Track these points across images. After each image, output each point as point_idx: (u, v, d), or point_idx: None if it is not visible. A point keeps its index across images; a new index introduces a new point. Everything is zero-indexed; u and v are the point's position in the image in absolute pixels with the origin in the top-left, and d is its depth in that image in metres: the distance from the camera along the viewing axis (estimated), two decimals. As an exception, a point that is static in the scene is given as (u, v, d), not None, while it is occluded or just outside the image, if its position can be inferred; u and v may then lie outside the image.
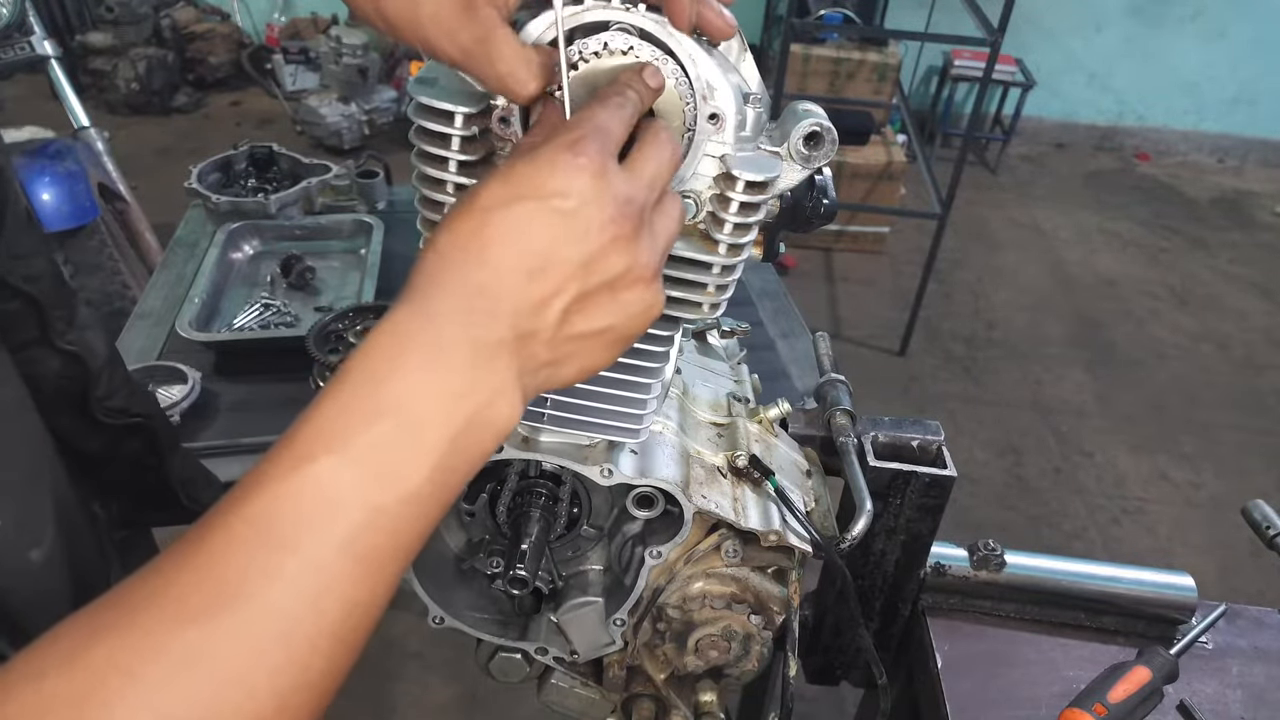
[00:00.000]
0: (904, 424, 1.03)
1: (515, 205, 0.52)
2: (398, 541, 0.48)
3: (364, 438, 0.47)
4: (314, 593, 0.44)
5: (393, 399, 0.48)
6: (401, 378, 0.49)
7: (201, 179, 2.15)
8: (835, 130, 0.70)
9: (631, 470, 0.84)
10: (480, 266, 0.52)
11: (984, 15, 3.33)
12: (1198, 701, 1.00)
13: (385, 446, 0.47)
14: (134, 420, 1.11)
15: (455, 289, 0.51)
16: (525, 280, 0.52)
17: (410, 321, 0.51)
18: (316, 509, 0.45)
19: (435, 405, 0.49)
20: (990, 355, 4.00)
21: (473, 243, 0.52)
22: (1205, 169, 6.03)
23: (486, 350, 0.51)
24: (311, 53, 5.19)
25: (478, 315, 0.51)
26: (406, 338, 0.50)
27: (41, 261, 0.97)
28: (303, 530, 0.45)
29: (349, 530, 0.45)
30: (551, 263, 0.52)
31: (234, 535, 0.44)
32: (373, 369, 0.49)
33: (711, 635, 0.95)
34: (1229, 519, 3.04)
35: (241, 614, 0.42)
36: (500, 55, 0.58)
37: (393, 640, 2.48)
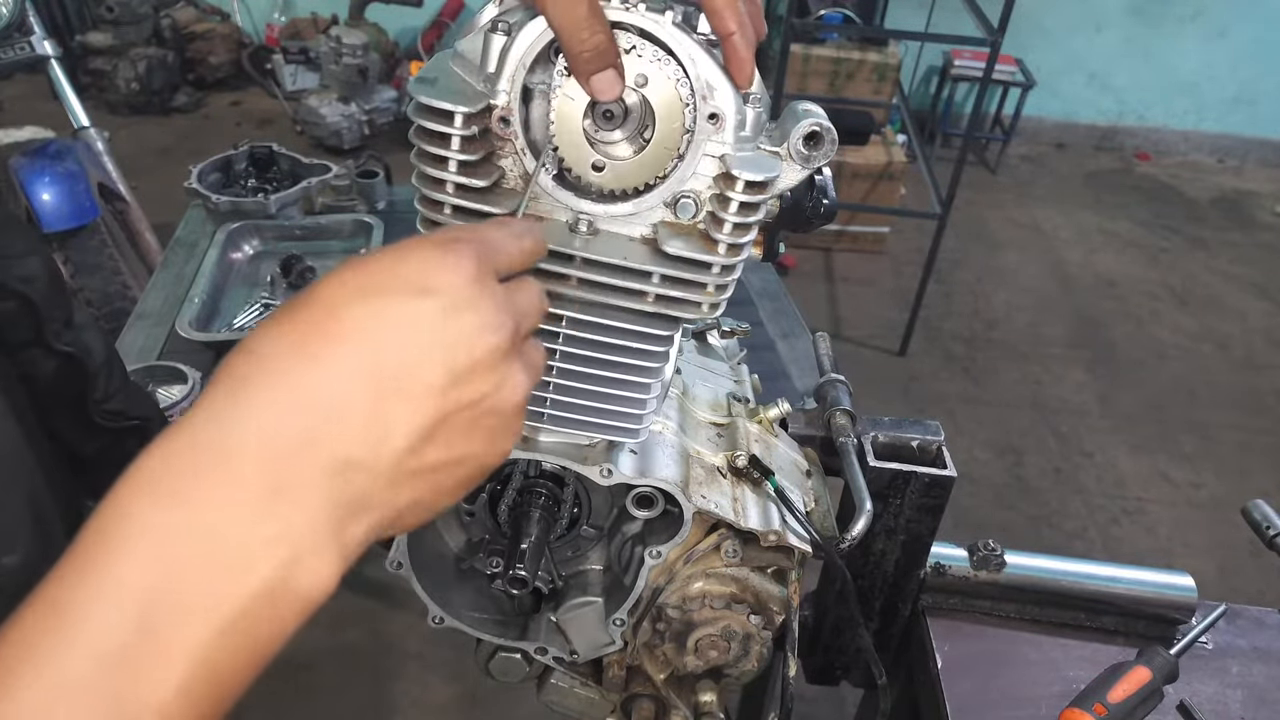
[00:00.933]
0: (904, 424, 1.03)
1: (373, 300, 0.42)
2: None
3: (83, 648, 0.34)
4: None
5: (127, 584, 0.35)
6: (145, 550, 0.36)
7: (201, 179, 2.15)
8: (835, 130, 0.70)
9: (631, 470, 0.84)
10: (317, 374, 0.40)
11: (984, 15, 3.33)
12: (1198, 701, 1.00)
13: (115, 658, 0.35)
14: (132, 423, 1.11)
15: (264, 405, 0.39)
16: (373, 397, 0.41)
17: (172, 461, 0.38)
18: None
19: (194, 586, 0.36)
20: (990, 355, 3.99)
21: (308, 341, 0.41)
22: (1205, 169, 6.03)
23: (290, 496, 0.38)
24: (311, 53, 5.18)
25: (289, 446, 0.39)
26: (159, 488, 0.37)
27: (36, 262, 0.96)
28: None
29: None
30: (412, 374, 0.42)
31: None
32: (106, 535, 0.36)
33: (711, 635, 0.95)
34: (1229, 519, 3.04)
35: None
36: (602, 29, 0.60)
37: (393, 640, 2.48)
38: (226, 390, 0.40)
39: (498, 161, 0.70)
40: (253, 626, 0.37)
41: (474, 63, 0.68)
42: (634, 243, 0.73)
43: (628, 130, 0.68)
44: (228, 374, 0.41)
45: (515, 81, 0.67)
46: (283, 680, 2.35)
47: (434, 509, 0.46)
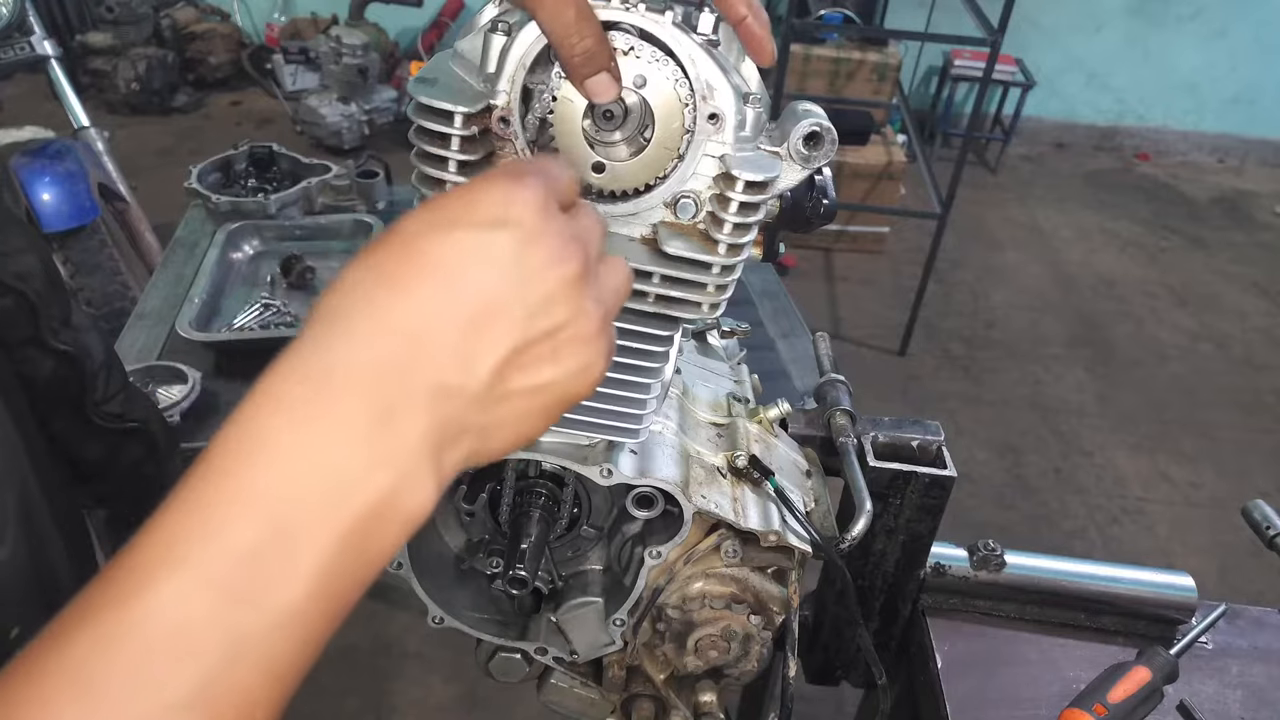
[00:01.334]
0: (904, 424, 1.03)
1: (451, 233, 0.44)
2: (272, 672, 0.39)
3: (220, 546, 0.38)
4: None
5: (262, 493, 0.39)
6: (275, 462, 0.39)
7: (201, 179, 2.15)
8: (835, 130, 0.70)
9: (631, 470, 0.84)
10: (399, 304, 0.43)
11: (984, 15, 3.33)
12: (1198, 701, 1.00)
13: (250, 557, 0.38)
14: (132, 425, 1.11)
15: (361, 334, 0.42)
16: (457, 326, 0.43)
17: (290, 384, 0.41)
18: (157, 653, 0.36)
19: (322, 497, 0.39)
20: (990, 355, 4.00)
21: (397, 276, 0.43)
22: (1205, 169, 6.03)
23: (395, 420, 0.41)
24: (311, 53, 5.18)
25: (389, 368, 0.41)
26: (284, 405, 0.40)
27: (32, 259, 0.96)
28: (138, 683, 0.36)
29: (202, 674, 0.36)
30: (491, 306, 0.44)
31: (46, 695, 0.35)
32: (240, 448, 0.40)
33: (711, 635, 0.95)
34: (1229, 519, 3.04)
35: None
36: (599, 38, 0.61)
37: (393, 640, 2.48)
38: (325, 323, 0.42)
39: (498, 162, 0.70)
40: (364, 541, 0.41)
41: (474, 63, 0.68)
42: (634, 243, 0.73)
43: (628, 130, 0.68)
44: (324, 307, 0.43)
45: (515, 82, 0.67)
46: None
47: (524, 436, 0.48)
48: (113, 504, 1.28)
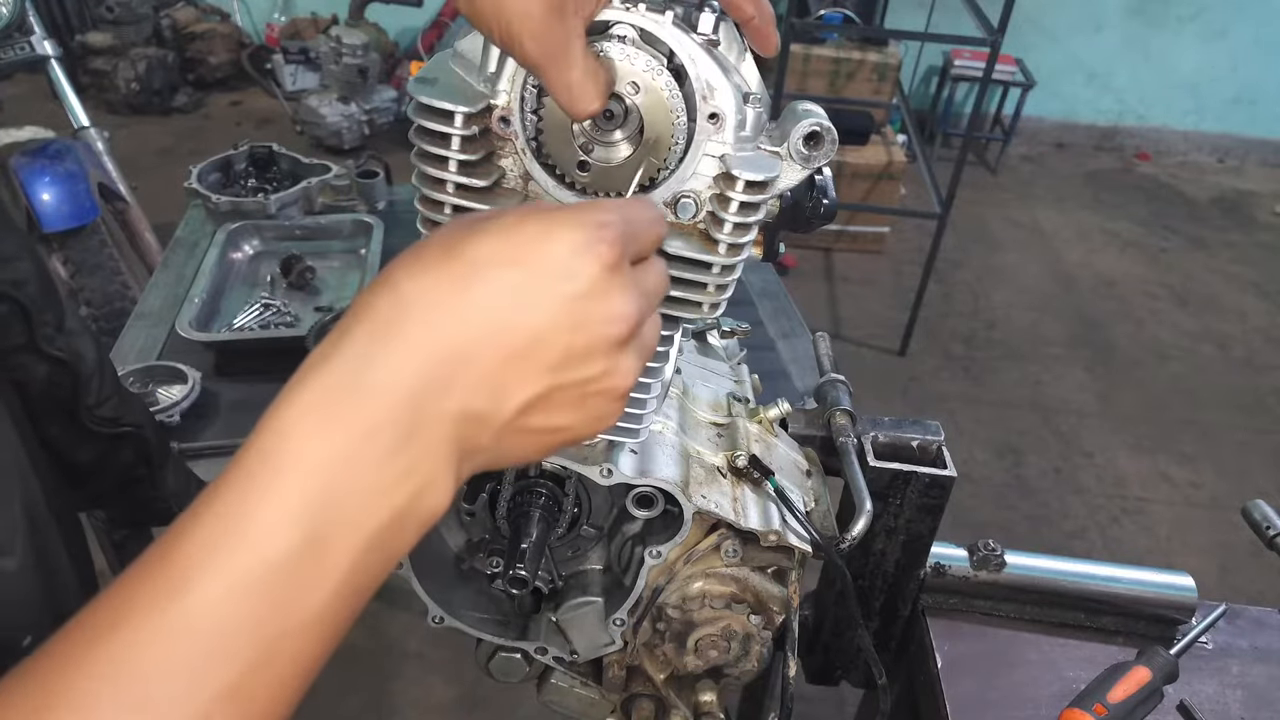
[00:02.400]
0: (904, 424, 1.03)
1: (515, 269, 0.45)
2: (301, 666, 0.41)
3: (259, 555, 0.40)
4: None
5: (300, 503, 0.40)
6: (313, 473, 0.41)
7: (201, 179, 2.15)
8: (835, 130, 0.70)
9: (631, 470, 0.84)
10: (450, 329, 0.44)
11: (984, 15, 3.33)
12: (1198, 701, 1.00)
13: (285, 564, 0.40)
14: (125, 430, 1.10)
15: (409, 352, 0.43)
16: (499, 361, 0.45)
17: (333, 393, 0.42)
18: (195, 652, 0.38)
19: (352, 506, 0.41)
20: (990, 355, 4.00)
21: (451, 299, 0.44)
22: (1205, 169, 6.03)
23: (424, 436, 0.43)
24: (311, 53, 5.19)
25: (429, 388, 0.43)
26: (324, 418, 0.42)
27: (27, 265, 0.96)
28: (179, 681, 0.38)
29: (238, 672, 0.39)
30: (532, 350, 0.45)
31: (86, 688, 0.37)
32: (278, 457, 0.41)
33: (711, 635, 0.95)
34: (1229, 519, 3.04)
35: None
36: (575, 64, 0.58)
37: (393, 640, 2.48)
38: (369, 330, 0.44)
39: (498, 161, 0.70)
40: (386, 543, 0.43)
41: (474, 62, 0.68)
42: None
43: (629, 130, 0.68)
44: (371, 311, 0.44)
45: (515, 81, 0.67)
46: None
47: (528, 459, 0.52)
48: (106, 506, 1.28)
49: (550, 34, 0.56)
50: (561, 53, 0.57)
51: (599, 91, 0.60)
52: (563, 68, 0.58)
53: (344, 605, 0.42)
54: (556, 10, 0.56)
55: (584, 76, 0.59)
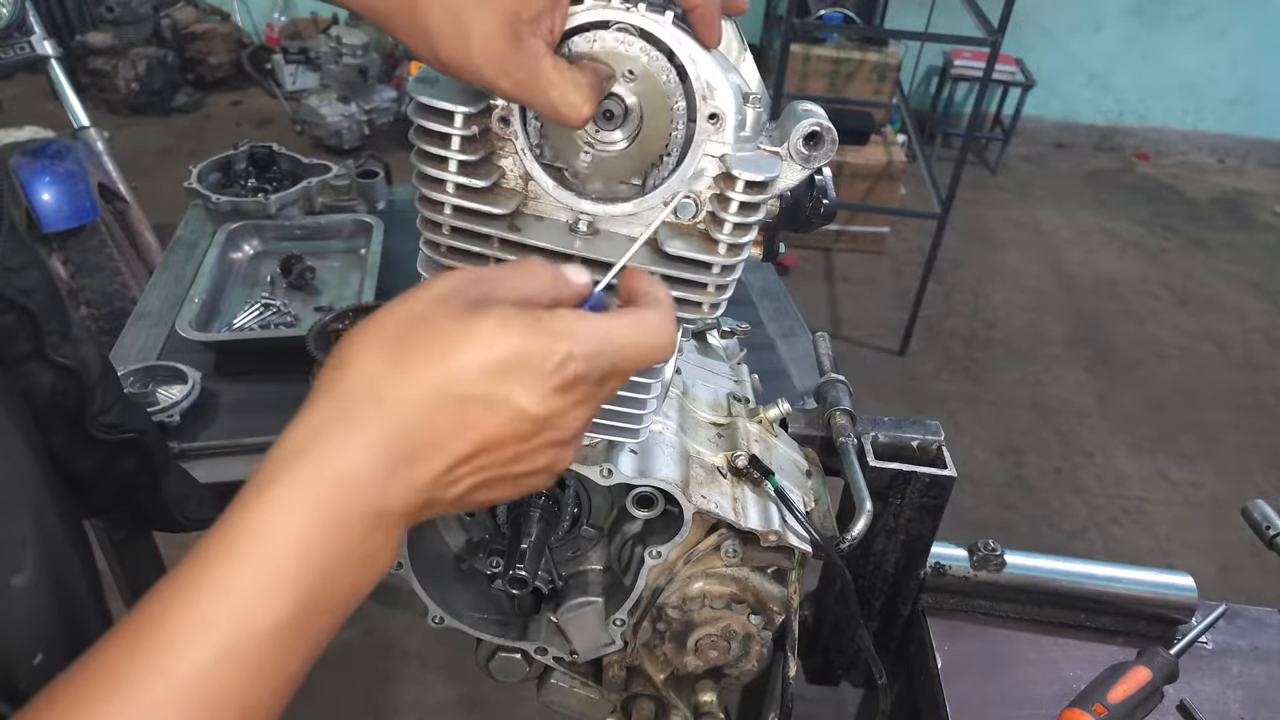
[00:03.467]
0: (904, 424, 1.03)
1: (480, 396, 0.48)
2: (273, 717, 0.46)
3: (249, 630, 0.43)
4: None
5: (288, 582, 0.44)
6: (299, 554, 0.45)
7: (201, 179, 2.15)
8: (835, 130, 0.70)
9: (631, 470, 0.84)
10: (417, 438, 0.48)
11: (984, 15, 3.33)
12: (1198, 701, 1.00)
13: (272, 639, 0.44)
14: (127, 436, 1.10)
15: (378, 451, 0.47)
16: (452, 463, 0.49)
17: (312, 477, 0.46)
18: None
19: (330, 584, 0.46)
20: (990, 355, 3.99)
21: (422, 395, 0.48)
22: (1205, 169, 6.03)
23: (391, 520, 0.48)
24: (311, 53, 5.18)
25: (394, 481, 0.47)
26: (308, 499, 0.46)
27: (36, 274, 0.95)
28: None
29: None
30: (485, 454, 0.50)
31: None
32: (267, 535, 0.45)
33: (711, 635, 0.95)
34: (1229, 519, 3.04)
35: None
36: (551, 84, 0.59)
37: (393, 640, 2.48)
38: (340, 410, 0.48)
39: (498, 161, 0.71)
40: (349, 604, 0.48)
41: (474, 63, 0.68)
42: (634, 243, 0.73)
43: (629, 130, 0.68)
44: (340, 390, 0.48)
45: (515, 81, 0.67)
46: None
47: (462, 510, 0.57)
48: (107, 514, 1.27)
49: (515, 64, 0.58)
50: (531, 80, 0.59)
51: (585, 97, 0.60)
52: (537, 94, 0.59)
53: (309, 665, 0.47)
54: (514, 40, 0.57)
55: (564, 91, 0.59)
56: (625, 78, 0.66)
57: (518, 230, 0.71)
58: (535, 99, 0.60)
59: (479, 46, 0.57)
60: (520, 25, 0.57)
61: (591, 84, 0.61)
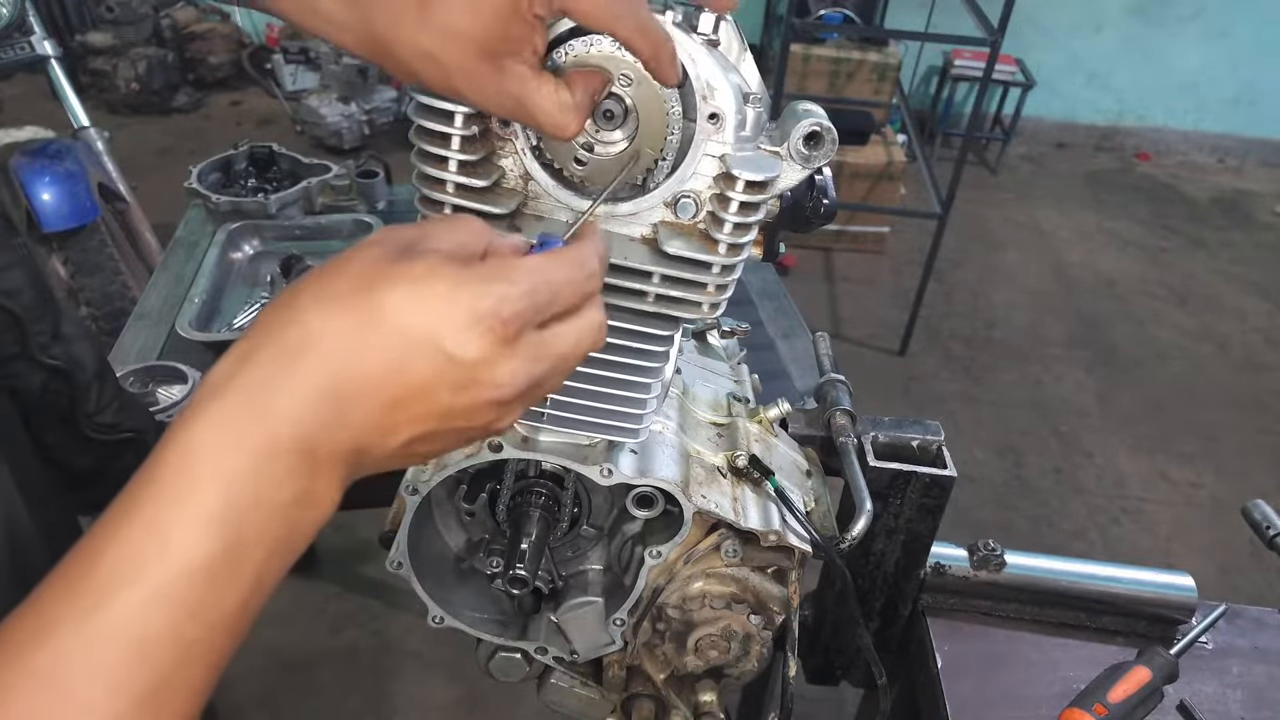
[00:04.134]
0: (904, 424, 1.03)
1: (412, 328, 0.47)
2: (213, 666, 0.45)
3: (178, 567, 0.43)
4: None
5: (214, 516, 0.44)
6: (225, 488, 0.44)
7: (201, 179, 2.15)
8: (835, 130, 0.70)
9: (631, 470, 0.84)
10: (345, 369, 0.47)
11: (984, 15, 3.33)
12: (1198, 701, 1.00)
13: (203, 574, 0.43)
14: (126, 436, 1.10)
15: (307, 385, 0.46)
16: (384, 406, 0.48)
17: (240, 414, 0.45)
18: (118, 660, 0.41)
19: (259, 520, 0.45)
20: (990, 355, 3.99)
21: (351, 340, 0.47)
22: (1205, 169, 6.03)
23: (322, 460, 0.47)
24: (311, 53, 5.18)
25: (323, 421, 0.47)
26: (233, 437, 0.45)
27: (19, 274, 0.95)
28: (101, 687, 0.41)
29: (157, 676, 0.42)
30: (419, 400, 0.49)
31: (17, 692, 0.40)
32: (192, 473, 0.44)
33: (711, 635, 0.95)
34: (1229, 519, 3.04)
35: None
36: (538, 108, 0.60)
37: (393, 640, 2.48)
38: (275, 357, 0.47)
39: (498, 161, 0.71)
40: (285, 550, 0.47)
41: (474, 63, 0.68)
42: (634, 243, 0.73)
43: (629, 129, 0.68)
44: (278, 338, 0.47)
45: (515, 81, 0.67)
46: (283, 680, 2.35)
47: (412, 464, 0.58)
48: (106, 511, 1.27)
49: (497, 91, 0.59)
50: (515, 102, 0.59)
51: (572, 117, 0.61)
52: (525, 115, 0.61)
53: (251, 606, 0.46)
54: (494, 68, 0.58)
55: (551, 114, 0.60)
56: (621, 80, 0.66)
57: (518, 230, 0.71)
58: (526, 118, 0.61)
59: (460, 78, 0.58)
60: (497, 54, 0.57)
61: (580, 101, 0.62)
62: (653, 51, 0.60)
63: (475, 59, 0.57)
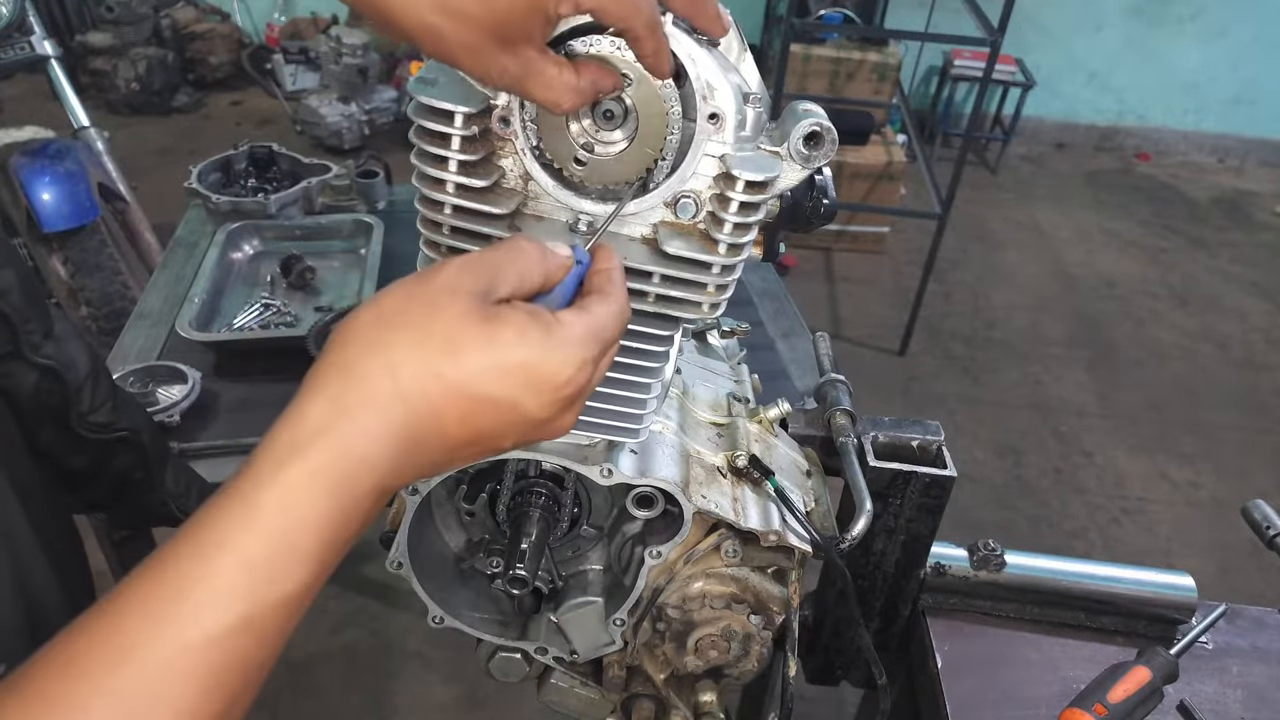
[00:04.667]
0: (904, 424, 1.03)
1: (491, 401, 0.52)
2: (254, 691, 0.47)
3: (276, 596, 0.46)
4: None
5: (308, 553, 0.47)
6: (315, 533, 0.47)
7: (201, 179, 2.15)
8: (835, 130, 0.70)
9: (631, 470, 0.84)
10: (427, 428, 0.51)
11: (984, 15, 3.33)
12: (1198, 701, 1.00)
13: (296, 607, 0.47)
14: (120, 434, 1.09)
15: (392, 440, 0.50)
16: (449, 449, 0.53)
17: (334, 467, 0.48)
18: (192, 691, 0.44)
19: (333, 554, 0.49)
20: (990, 355, 3.99)
21: (435, 407, 0.51)
22: (1205, 169, 6.03)
23: (390, 492, 0.52)
24: (311, 53, 5.19)
25: (397, 467, 0.51)
26: (328, 485, 0.48)
27: (9, 275, 0.95)
28: (162, 699, 0.43)
29: (221, 711, 0.45)
30: (485, 440, 0.54)
31: (83, 699, 0.42)
32: (285, 518, 0.47)
33: (711, 635, 0.95)
34: (1229, 519, 3.04)
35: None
36: (542, 84, 0.60)
37: (393, 640, 2.48)
38: (359, 392, 0.50)
39: (498, 161, 0.71)
40: (333, 556, 0.49)
41: (474, 63, 0.68)
42: (634, 243, 0.73)
43: (629, 129, 0.68)
44: (373, 389, 0.50)
45: (515, 81, 0.66)
46: (283, 680, 2.35)
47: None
48: (103, 509, 1.27)
49: (501, 69, 0.59)
50: (514, 79, 0.60)
51: (574, 99, 0.62)
52: (522, 89, 0.61)
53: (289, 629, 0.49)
54: (500, 48, 0.58)
55: (555, 93, 0.61)
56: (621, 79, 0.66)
57: (518, 230, 0.71)
58: (518, 92, 0.62)
59: (463, 53, 0.58)
60: (507, 38, 0.58)
61: (583, 86, 0.62)
62: (654, 48, 0.61)
63: (481, 38, 0.57)
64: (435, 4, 0.55)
